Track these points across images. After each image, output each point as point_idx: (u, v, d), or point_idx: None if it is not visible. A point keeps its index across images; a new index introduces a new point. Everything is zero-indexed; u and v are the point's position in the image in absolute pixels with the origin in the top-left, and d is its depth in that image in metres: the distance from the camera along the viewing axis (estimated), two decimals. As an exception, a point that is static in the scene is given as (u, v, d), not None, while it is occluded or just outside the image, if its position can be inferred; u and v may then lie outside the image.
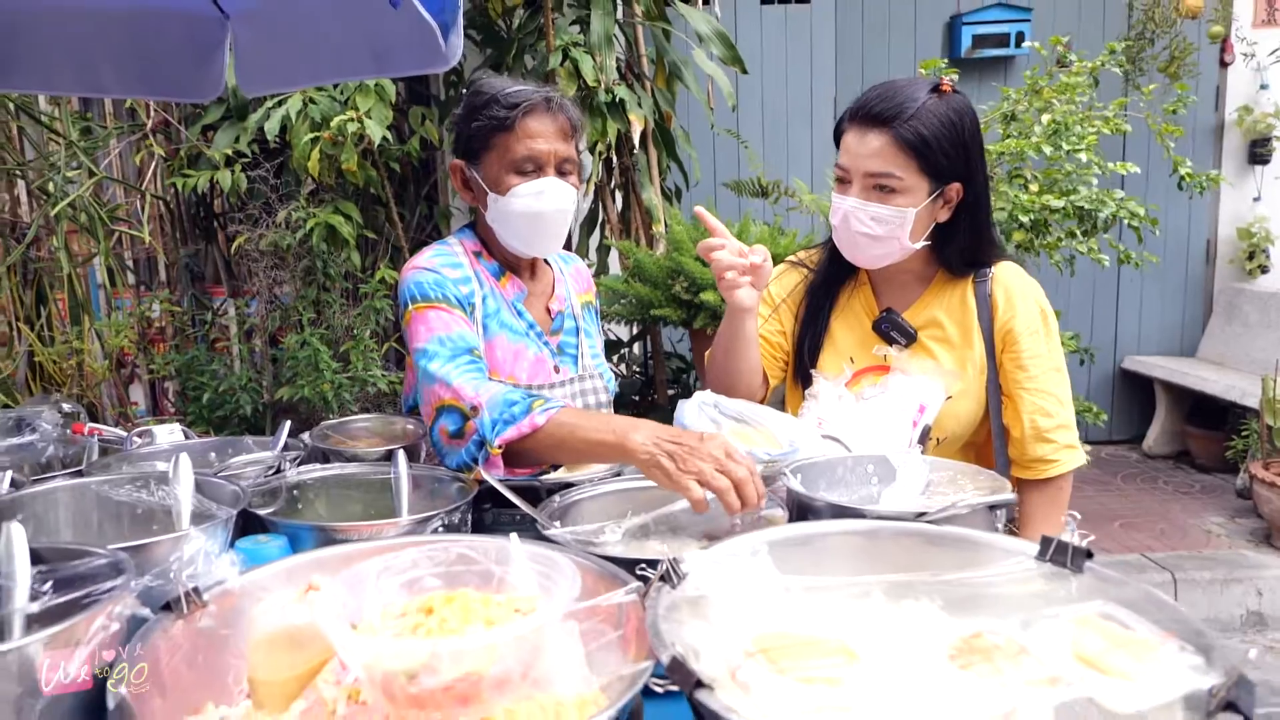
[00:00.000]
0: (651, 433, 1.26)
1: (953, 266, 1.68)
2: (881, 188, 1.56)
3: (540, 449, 1.40)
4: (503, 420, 1.40)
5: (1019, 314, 1.63)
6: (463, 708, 0.76)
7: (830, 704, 0.72)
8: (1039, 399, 1.62)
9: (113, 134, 3.54)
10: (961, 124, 1.56)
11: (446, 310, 1.60)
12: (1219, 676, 0.73)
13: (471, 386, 1.48)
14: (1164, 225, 5.09)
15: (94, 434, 1.66)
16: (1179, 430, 5.20)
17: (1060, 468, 1.63)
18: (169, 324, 3.91)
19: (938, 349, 1.67)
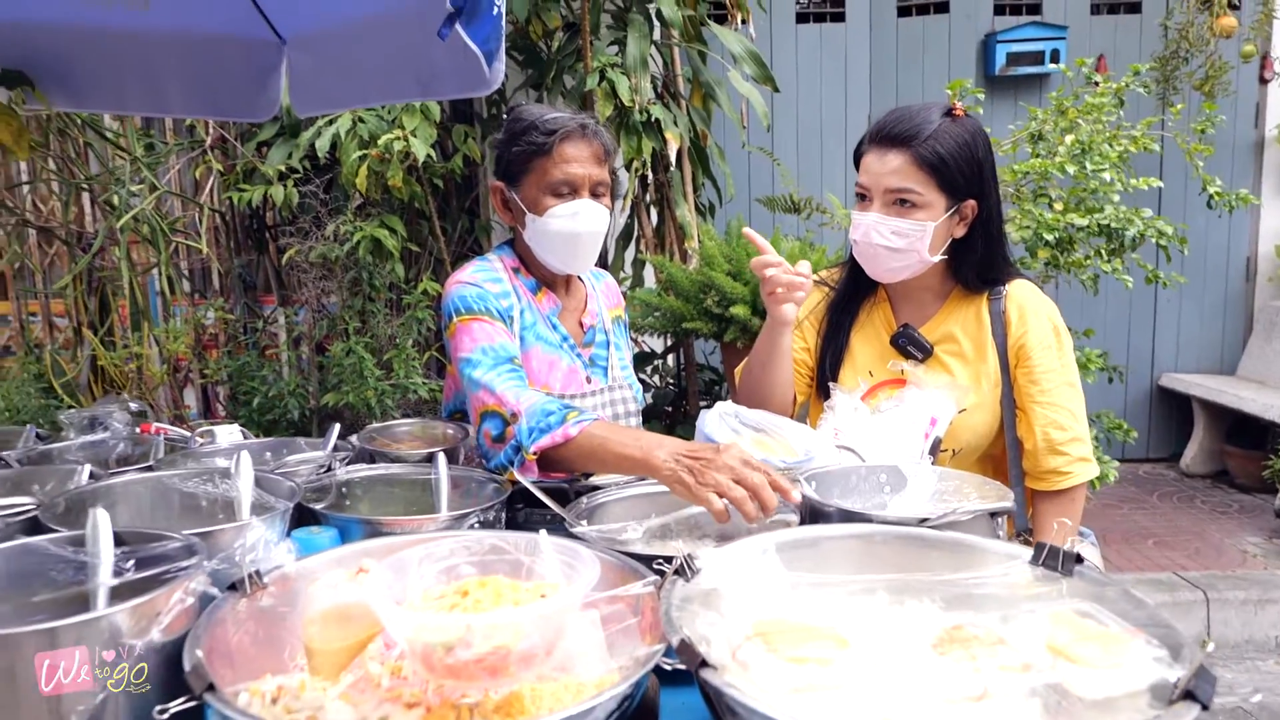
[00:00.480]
0: (674, 450, 1.34)
1: (968, 282, 1.75)
2: (902, 202, 1.65)
3: (571, 458, 1.49)
4: (539, 429, 1.49)
5: (1031, 330, 1.70)
6: (492, 679, 0.85)
7: (819, 683, 0.80)
8: (1052, 412, 1.68)
9: (173, 150, 3.72)
10: (975, 144, 1.66)
11: (489, 322, 1.70)
12: (1184, 669, 0.80)
13: (513, 394, 1.58)
14: (1203, 242, 5.09)
15: (160, 433, 1.79)
16: (1217, 449, 5.15)
17: (1073, 479, 1.68)
18: (221, 331, 4.08)
19: (953, 363, 1.74)
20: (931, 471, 1.43)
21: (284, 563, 1.10)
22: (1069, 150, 2.76)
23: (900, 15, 5.05)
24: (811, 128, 5.09)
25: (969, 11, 4.99)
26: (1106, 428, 3.44)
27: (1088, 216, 2.71)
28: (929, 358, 1.76)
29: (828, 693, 0.79)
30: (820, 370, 1.87)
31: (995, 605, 0.94)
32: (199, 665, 0.85)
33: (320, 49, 2.81)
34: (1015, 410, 1.73)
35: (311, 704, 0.93)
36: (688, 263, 3.72)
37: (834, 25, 5.03)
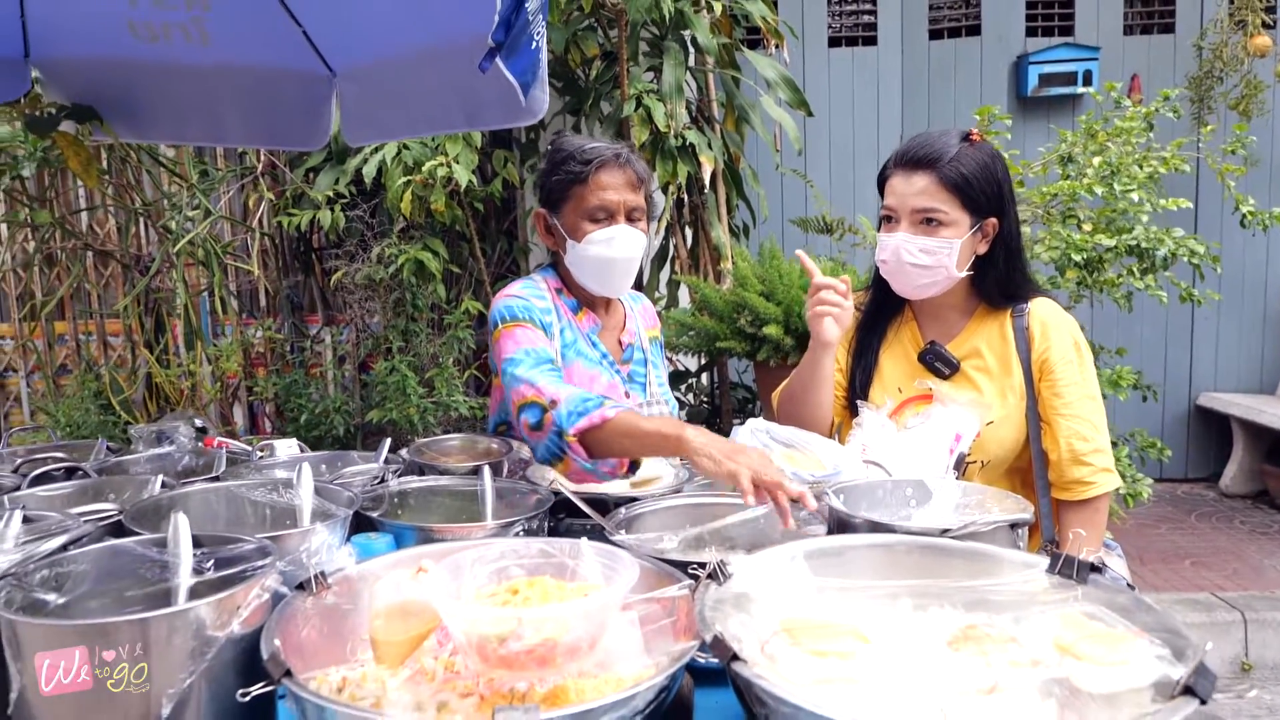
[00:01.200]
0: (706, 433, 1.47)
1: (992, 299, 1.82)
2: (928, 221, 1.74)
3: (609, 438, 1.61)
4: (577, 413, 1.62)
5: (1054, 345, 1.76)
6: (540, 669, 0.93)
7: (840, 675, 0.87)
8: (1075, 424, 1.74)
9: (226, 176, 3.89)
10: (994, 166, 1.76)
11: (531, 328, 1.83)
12: (1186, 668, 0.86)
13: (552, 385, 1.71)
14: (1241, 261, 5.06)
15: (221, 446, 1.91)
16: (1257, 469, 5.09)
17: (1097, 489, 1.74)
18: (268, 350, 4.23)
19: (979, 378, 1.81)
20: (956, 485, 1.49)
21: (346, 565, 1.19)
22: (1097, 172, 2.81)
23: (932, 38, 5.12)
24: (844, 150, 5.15)
25: (1001, 33, 5.04)
26: (1140, 446, 3.44)
27: (1116, 237, 2.75)
28: (955, 373, 1.82)
29: (848, 684, 0.86)
30: (850, 389, 1.94)
31: (1011, 610, 1.01)
32: (276, 654, 0.94)
33: (370, 81, 2.94)
34: (1040, 423, 1.79)
35: (373, 693, 1.01)
36: (722, 283, 3.80)
37: (866, 49, 5.10)
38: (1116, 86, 3.14)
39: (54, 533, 1.17)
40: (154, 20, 2.79)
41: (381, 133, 3.16)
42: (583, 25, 3.74)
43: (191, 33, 2.85)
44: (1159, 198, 2.90)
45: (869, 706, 0.83)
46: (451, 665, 1.06)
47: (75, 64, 2.89)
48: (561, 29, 3.56)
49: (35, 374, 4.63)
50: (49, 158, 3.37)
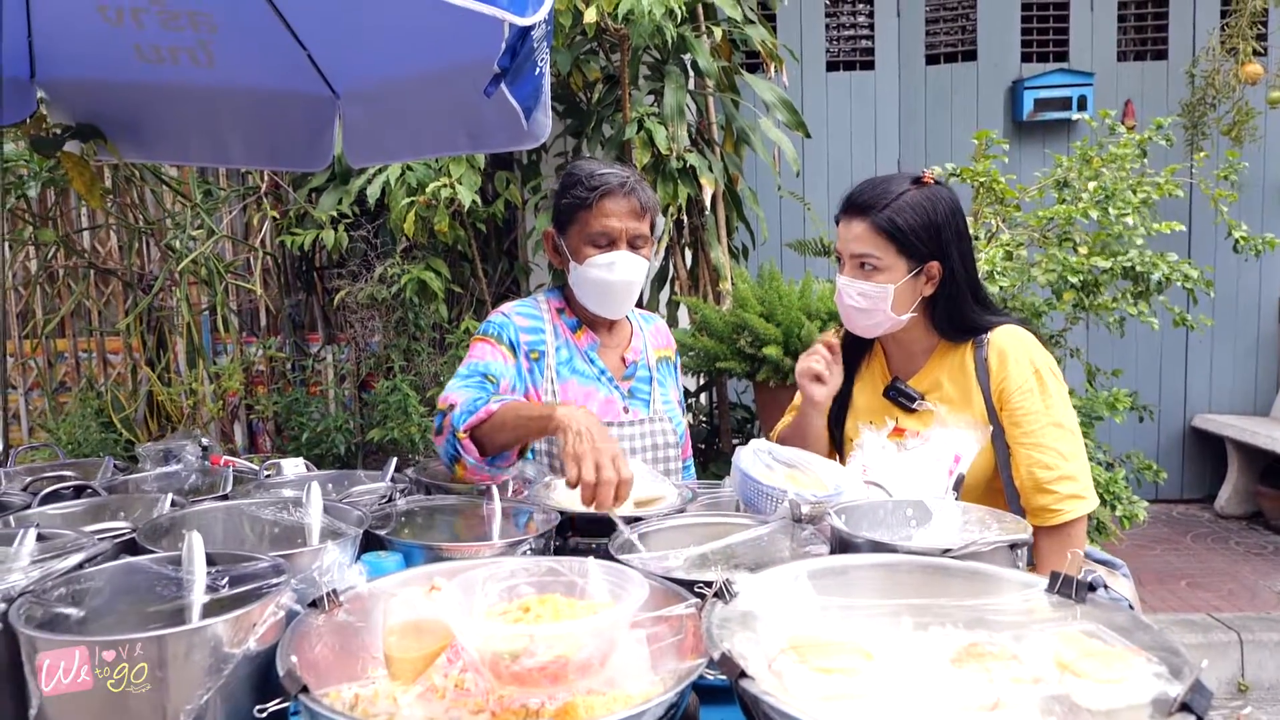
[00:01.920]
0: (579, 414, 1.53)
1: (946, 334, 1.85)
2: (864, 265, 1.79)
3: (493, 430, 1.66)
4: (467, 411, 1.69)
5: (1010, 375, 1.77)
6: (552, 685, 0.95)
7: (846, 691, 0.89)
8: (1036, 453, 1.74)
9: (230, 196, 3.92)
10: (935, 210, 1.77)
11: (491, 344, 1.91)
12: (1183, 685, 0.88)
13: (457, 393, 1.78)
14: (1234, 285, 5.12)
15: (228, 465, 1.92)
16: (1252, 490, 5.12)
17: (1065, 516, 1.73)
18: (267, 368, 4.25)
19: (943, 410, 1.81)
20: (955, 506, 1.51)
21: (357, 583, 1.20)
22: (1093, 196, 2.85)
23: (929, 63, 5.19)
24: (842, 172, 5.21)
25: (996, 59, 5.11)
26: (1136, 468, 3.47)
27: (1111, 260, 2.80)
28: (919, 405, 1.85)
29: (853, 700, 0.88)
30: (830, 420, 1.98)
31: (1011, 628, 1.03)
32: (292, 670, 0.95)
33: (374, 103, 2.99)
34: (1007, 451, 1.79)
35: (386, 710, 1.03)
36: (721, 304, 3.83)
37: (863, 73, 5.17)
38: (1111, 114, 3.20)
39: (69, 550, 1.18)
40: (161, 44, 2.83)
41: (384, 154, 3.20)
42: (585, 49, 3.79)
43: (198, 56, 2.90)
44: (1153, 222, 2.94)
45: (876, 722, 0.85)
46: (461, 683, 1.07)
47: (81, 85, 2.94)
48: (565, 52, 3.61)
49: (34, 391, 4.64)
50: (54, 177, 3.40)
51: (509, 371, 1.89)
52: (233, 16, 2.72)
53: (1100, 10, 5.07)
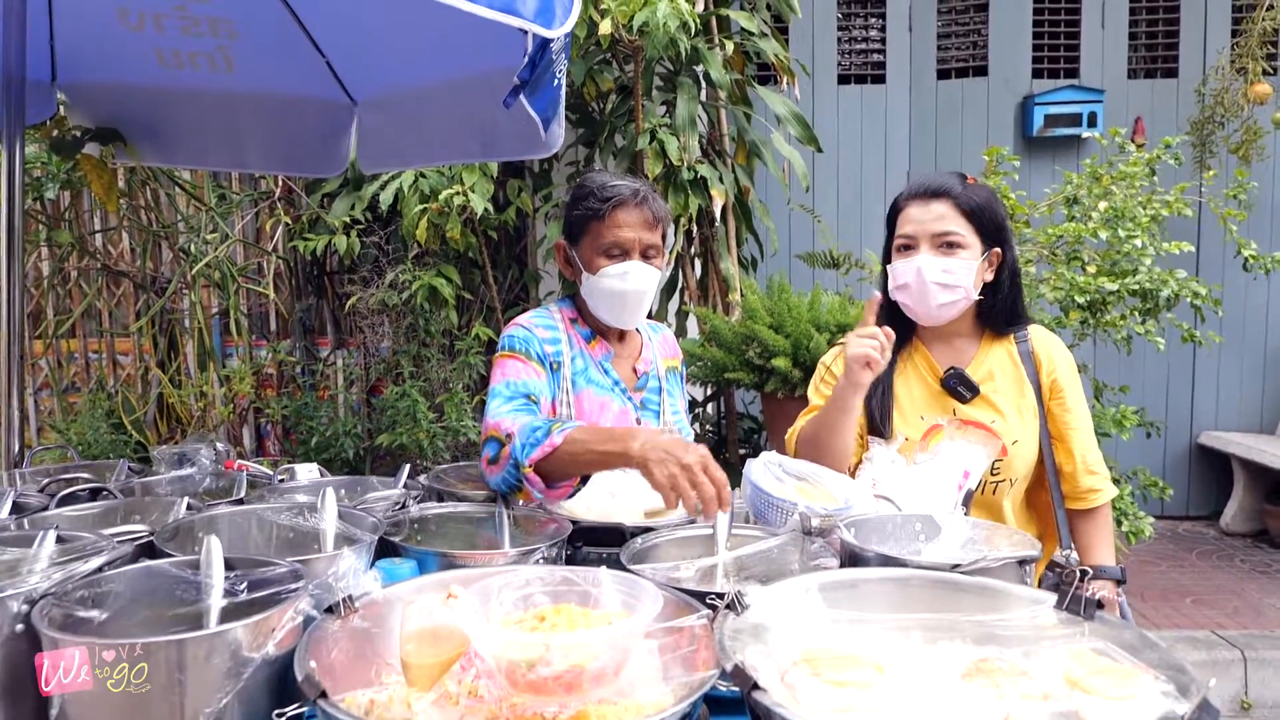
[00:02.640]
0: (648, 440, 1.51)
1: (996, 325, 1.94)
2: (948, 244, 1.85)
3: (562, 463, 1.63)
4: (530, 444, 1.65)
5: (1059, 366, 1.91)
6: (567, 694, 0.96)
7: (858, 705, 0.90)
8: (1085, 437, 1.91)
9: (244, 201, 3.95)
10: (995, 201, 1.90)
11: (523, 361, 1.88)
12: (1190, 704, 0.89)
13: (510, 419, 1.75)
14: (1242, 302, 5.11)
15: (242, 469, 1.94)
16: (1258, 508, 5.11)
17: (1104, 496, 1.90)
18: (276, 372, 4.27)
19: (998, 400, 1.90)
20: (964, 521, 1.52)
21: (371, 589, 1.22)
22: (1102, 216, 2.87)
23: (940, 78, 5.21)
24: (852, 186, 5.23)
25: (1007, 75, 5.13)
26: (1142, 484, 3.47)
27: (1118, 281, 2.81)
28: (976, 396, 1.90)
29: (865, 714, 0.89)
30: (870, 422, 1.98)
31: (1019, 645, 1.04)
32: (311, 675, 0.97)
33: (390, 111, 3.01)
34: (1050, 440, 1.91)
35: (400, 716, 1.04)
36: (730, 315, 3.85)
37: (875, 87, 5.19)
38: (1121, 132, 3.21)
39: (89, 553, 1.20)
40: (182, 49, 2.87)
41: (398, 161, 3.23)
42: (599, 59, 3.82)
43: (217, 61, 2.93)
44: (1162, 240, 2.95)
45: (886, 736, 0.86)
46: (474, 690, 1.08)
47: (101, 88, 2.97)
48: (579, 63, 3.64)
49: (43, 391, 4.67)
50: (71, 179, 3.43)
51: (546, 389, 1.88)
52: (253, 23, 2.76)
53: (1111, 27, 5.08)
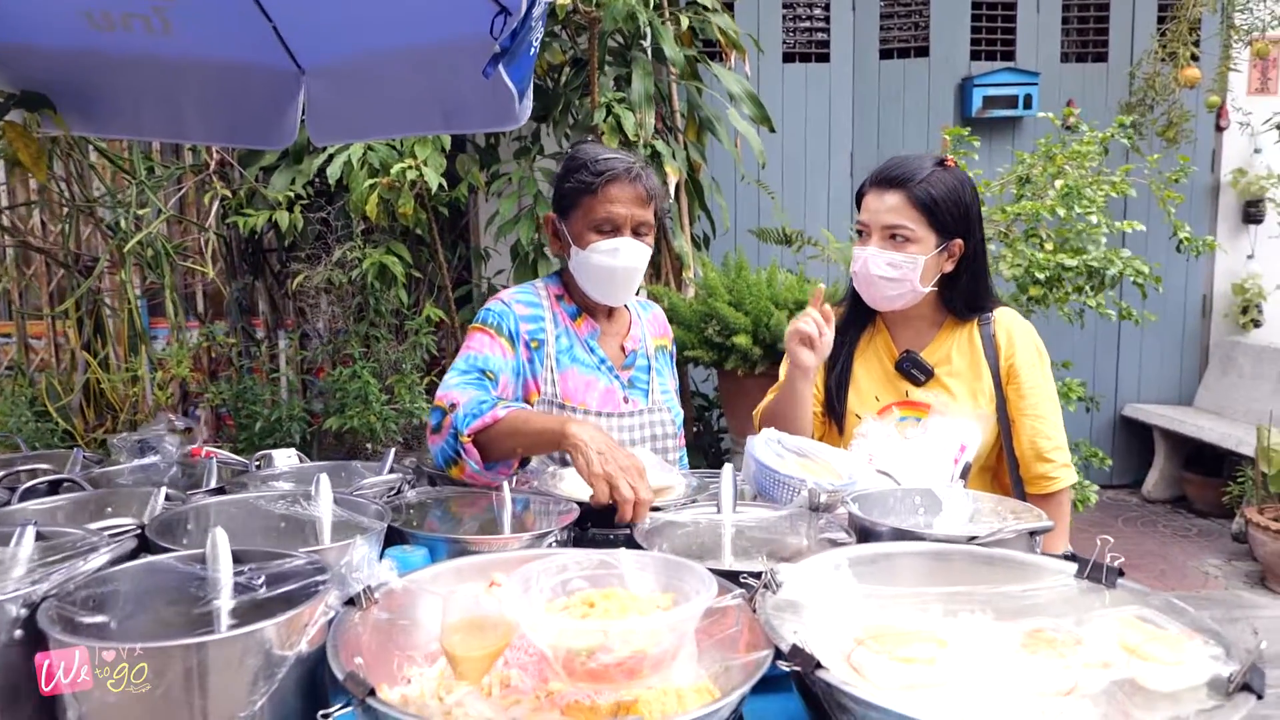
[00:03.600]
0: (590, 431, 1.52)
1: (958, 311, 1.93)
2: (895, 237, 1.83)
3: (499, 437, 1.63)
4: (472, 414, 1.64)
5: (1019, 350, 1.88)
6: (628, 681, 0.94)
7: (927, 680, 0.90)
8: (1038, 424, 1.87)
9: (174, 174, 3.74)
10: (962, 190, 1.85)
11: (490, 336, 1.85)
12: (1236, 665, 0.91)
13: (458, 391, 1.73)
14: (1163, 281, 5.35)
15: (210, 456, 1.84)
16: (1177, 476, 5.39)
17: (1060, 483, 1.87)
18: (206, 354, 4.08)
19: (952, 383, 1.90)
20: (963, 494, 1.55)
21: (389, 579, 1.16)
22: (1059, 194, 2.95)
23: (882, 57, 5.27)
24: (796, 163, 5.26)
25: (947, 55, 5.22)
26: (1084, 455, 3.61)
27: (1076, 257, 2.90)
28: (930, 379, 1.90)
29: (933, 688, 0.89)
30: (828, 399, 2.00)
31: (1050, 613, 1.05)
32: (355, 673, 0.91)
33: (342, 80, 2.87)
34: (1009, 423, 1.89)
35: (437, 711, 1.00)
36: (684, 292, 3.84)
37: (819, 65, 5.22)
38: (1075, 111, 3.30)
39: (80, 550, 1.11)
40: (113, 9, 2.67)
41: (352, 133, 3.09)
42: (549, 31, 3.73)
43: (153, 23, 2.74)
44: (1111, 220, 3.05)
45: (962, 709, 0.86)
46: (507, 680, 1.05)
47: (26, 51, 2.74)
48: (531, 35, 3.54)
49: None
50: (-13, 149, 3.19)
51: (507, 366, 1.84)
52: (193, -19, 2.59)
53: (1046, 12, 5.22)
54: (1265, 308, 5.41)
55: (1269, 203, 5.20)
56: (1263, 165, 5.25)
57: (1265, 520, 3.86)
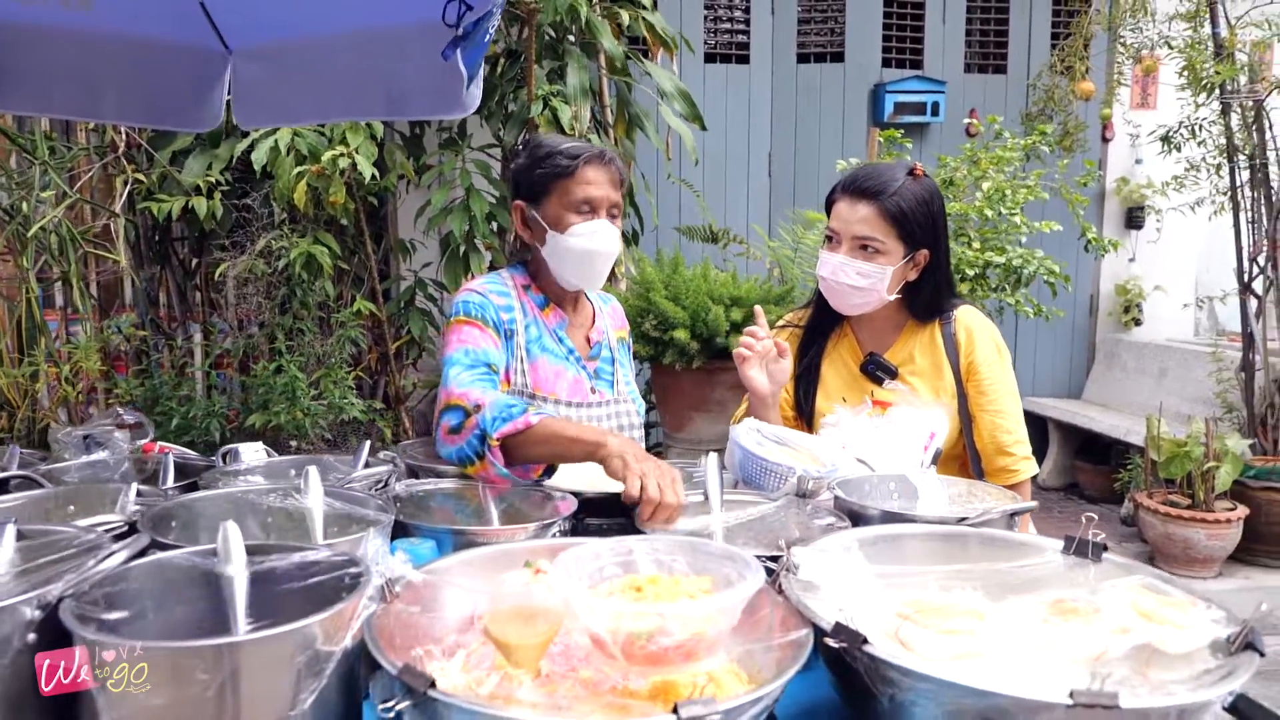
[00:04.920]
0: (624, 442, 1.55)
1: (920, 315, 1.99)
2: (866, 248, 1.88)
3: (531, 444, 1.62)
4: (502, 418, 1.62)
5: (978, 348, 1.96)
6: (685, 663, 0.95)
7: (971, 650, 0.95)
8: (998, 419, 1.95)
9: (77, 155, 3.51)
10: (932, 202, 1.91)
11: (479, 328, 1.83)
12: (1236, 626, 1.00)
13: (478, 390, 1.70)
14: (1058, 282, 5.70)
15: (164, 452, 1.74)
16: (1069, 465, 5.75)
17: (1020, 476, 1.94)
18: (118, 348, 3.85)
19: (915, 381, 1.98)
20: (936, 479, 1.62)
21: (406, 572, 1.14)
22: (986, 195, 3.11)
23: (800, 61, 5.41)
24: (717, 161, 5.34)
25: (861, 62, 5.41)
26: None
27: (1002, 255, 3.07)
28: (894, 379, 1.98)
29: (978, 658, 0.94)
30: (797, 399, 2.05)
31: (1052, 587, 1.13)
32: (411, 665, 0.89)
33: (274, 62, 2.74)
34: (970, 419, 1.97)
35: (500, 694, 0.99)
36: (615, 285, 3.85)
37: (739, 67, 5.32)
38: (999, 119, 3.48)
39: (81, 549, 1.04)
40: (25, -21, 2.49)
41: (285, 117, 2.95)
42: (483, 22, 3.67)
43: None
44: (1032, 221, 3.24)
45: (1007, 675, 0.91)
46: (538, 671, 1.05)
47: (-78, 19, 2.53)
48: (466, 24, 3.48)
49: None
50: None
51: (502, 359, 1.84)
52: (119, -46, 2.44)
53: (951, 23, 5.48)
54: (1145, 307, 5.83)
55: (1149, 209, 5.60)
56: (1143, 175, 5.65)
57: (1154, 504, 4.16)
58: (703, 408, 3.57)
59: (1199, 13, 3.84)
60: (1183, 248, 5.80)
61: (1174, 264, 5.85)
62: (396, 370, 4.02)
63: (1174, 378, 5.32)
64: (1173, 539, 4.13)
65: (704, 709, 0.83)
